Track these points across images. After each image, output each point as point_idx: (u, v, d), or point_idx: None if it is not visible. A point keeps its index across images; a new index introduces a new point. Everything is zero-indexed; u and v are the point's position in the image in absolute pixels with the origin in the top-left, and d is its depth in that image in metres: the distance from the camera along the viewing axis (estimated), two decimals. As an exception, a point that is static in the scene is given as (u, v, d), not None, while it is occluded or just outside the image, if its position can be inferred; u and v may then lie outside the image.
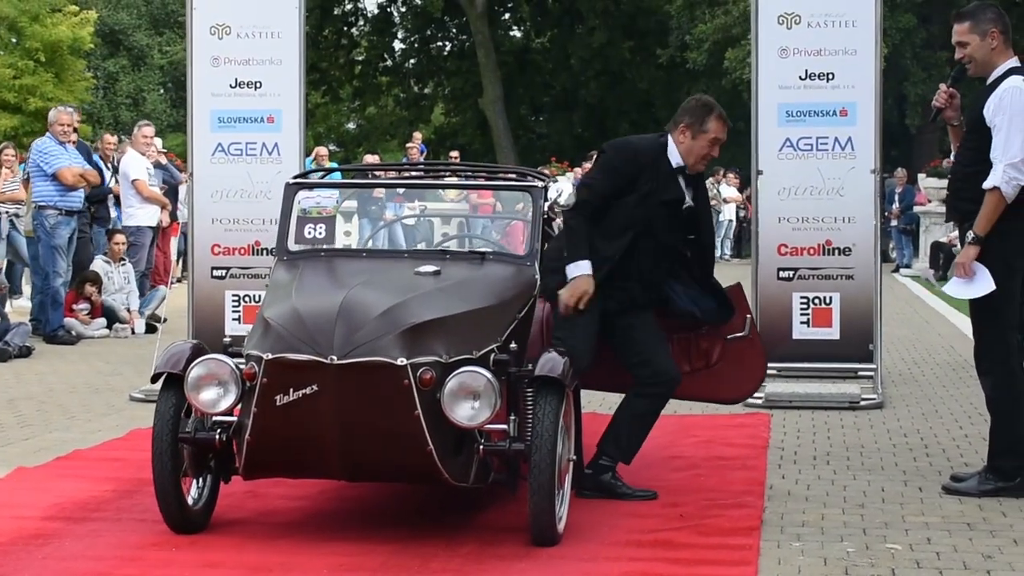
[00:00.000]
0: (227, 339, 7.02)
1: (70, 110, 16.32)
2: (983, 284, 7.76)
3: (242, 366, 6.58)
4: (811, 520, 7.33)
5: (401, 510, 7.54)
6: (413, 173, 11.78)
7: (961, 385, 12.22)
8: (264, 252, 11.47)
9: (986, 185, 7.68)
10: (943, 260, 26.91)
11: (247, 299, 11.59)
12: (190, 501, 6.89)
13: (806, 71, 11.41)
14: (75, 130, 16.31)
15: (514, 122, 49.35)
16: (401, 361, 6.36)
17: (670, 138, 7.99)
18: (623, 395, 8.17)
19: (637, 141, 8.21)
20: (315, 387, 6.36)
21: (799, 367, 11.46)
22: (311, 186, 8.61)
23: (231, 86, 11.73)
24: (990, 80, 7.96)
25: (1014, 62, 7.98)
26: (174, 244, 21.11)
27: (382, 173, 12.05)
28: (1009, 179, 7.63)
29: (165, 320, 16.03)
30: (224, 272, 11.72)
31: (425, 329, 6.55)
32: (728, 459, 8.87)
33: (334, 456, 6.47)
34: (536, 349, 7.45)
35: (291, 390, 6.38)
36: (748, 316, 8.51)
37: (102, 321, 16.17)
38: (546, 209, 8.03)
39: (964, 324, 16.35)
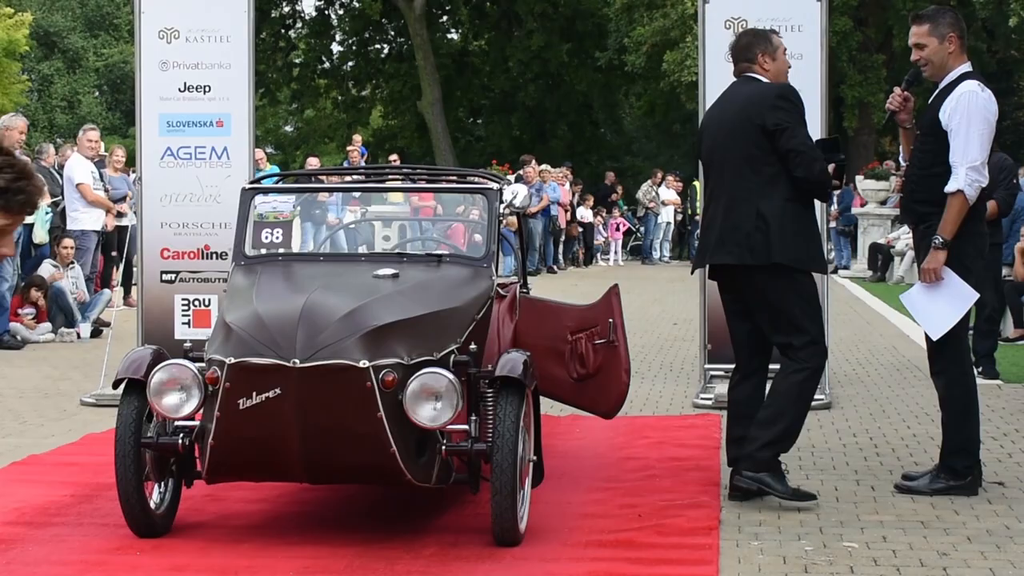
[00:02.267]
0: (188, 344, 7.04)
1: (23, 119, 16.31)
2: (957, 296, 7.85)
3: (204, 371, 6.60)
4: (768, 519, 7.41)
5: (363, 512, 7.58)
6: (357, 177, 11.82)
7: (906, 385, 12.37)
8: (214, 256, 11.46)
9: (948, 189, 7.77)
10: (881, 261, 27.16)
11: (197, 303, 11.56)
12: (153, 505, 6.90)
13: (752, 75, 11.50)
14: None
15: (453, 125, 49.39)
16: (363, 363, 6.39)
17: (757, 75, 8.00)
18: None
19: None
20: (278, 390, 6.38)
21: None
22: (267, 191, 8.62)
23: (180, 90, 11.68)
24: (944, 84, 8.06)
25: (968, 67, 8.10)
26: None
27: (331, 178, 12.09)
28: (971, 182, 7.74)
29: (110, 325, 15.96)
30: (173, 276, 11.67)
31: (386, 331, 6.59)
32: (682, 459, 8.94)
33: (297, 459, 6.50)
34: (494, 350, 7.51)
35: (254, 394, 6.40)
36: (611, 320, 8.45)
37: (47, 325, 16.12)
38: (502, 211, 8.07)
39: (905, 325, 16.55)
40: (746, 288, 7.87)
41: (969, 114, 7.81)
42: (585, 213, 35.03)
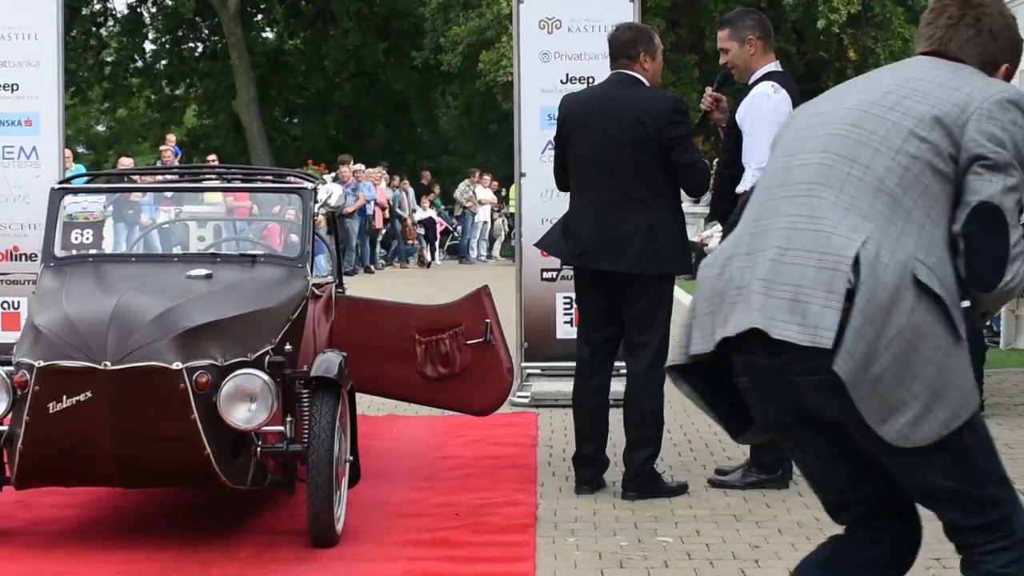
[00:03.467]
0: (-5, 347, 6.91)
1: None
2: None
3: (13, 374, 6.47)
4: (584, 515, 7.48)
5: (178, 516, 7.49)
6: (171, 176, 11.69)
7: (719, 381, 12.52)
8: (23, 258, 11.24)
9: (739, 189, 7.92)
10: (696, 259, 27.51)
11: (6, 305, 11.33)
12: (-41, 512, 6.77)
13: (567, 75, 11.56)
14: None
15: (268, 124, 49.00)
16: (176, 365, 6.33)
17: (637, 74, 8.13)
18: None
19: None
20: (89, 393, 6.29)
21: (563, 366, 11.60)
22: (76, 191, 8.48)
23: (-13, 88, 11.45)
24: (750, 84, 8.21)
25: (774, 66, 8.23)
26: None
27: (144, 178, 11.92)
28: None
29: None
30: (-18, 277, 11.45)
31: (200, 332, 6.53)
32: (499, 458, 8.98)
33: (110, 463, 6.41)
34: (309, 350, 7.48)
35: (64, 397, 6.30)
36: (488, 321, 8.54)
37: None
38: (316, 211, 8.04)
39: (719, 322, 16.77)
40: (625, 292, 7.95)
41: (760, 115, 7.96)
42: (424, 213, 35.10)
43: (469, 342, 8.49)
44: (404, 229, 33.84)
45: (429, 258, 34.48)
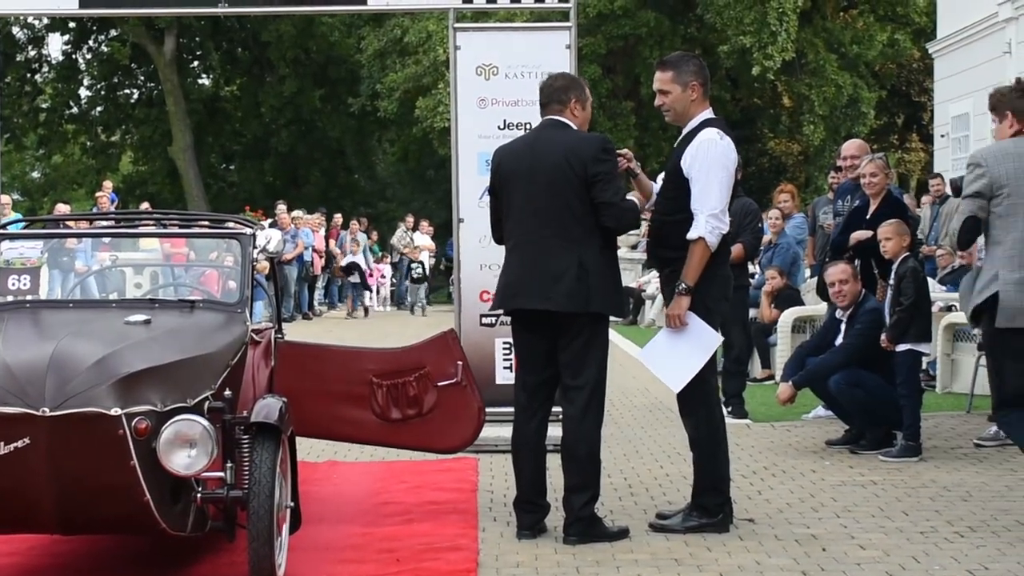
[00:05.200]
0: (-69, 393, 6.81)
1: None
2: (701, 341, 8.03)
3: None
4: (525, 561, 7.47)
5: (117, 563, 7.44)
6: (105, 223, 11.60)
7: (658, 426, 12.57)
8: (-41, 304, 11.15)
9: (690, 236, 7.94)
10: (633, 304, 27.58)
11: (-59, 352, 11.24)
12: None
13: (504, 121, 11.60)
14: None
15: (205, 170, 48.91)
16: (115, 411, 6.28)
17: (567, 120, 8.22)
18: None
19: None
20: (27, 440, 6.23)
21: (503, 411, 11.60)
22: (13, 236, 8.44)
23: (-78, 134, 11.40)
24: (686, 130, 8.25)
25: (709, 113, 8.29)
26: None
27: (80, 224, 11.85)
28: (712, 228, 7.91)
29: None
30: (-84, 325, 11.34)
31: (139, 378, 6.48)
32: (440, 503, 8.97)
33: (49, 509, 6.34)
34: (249, 395, 7.45)
35: (2, 444, 6.23)
36: (459, 363, 8.64)
37: None
38: (255, 256, 8.02)
39: (657, 366, 16.80)
40: (559, 334, 7.96)
41: (709, 162, 8.00)
42: (352, 258, 35.03)
43: (440, 383, 8.53)
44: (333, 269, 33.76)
45: (367, 304, 34.29)
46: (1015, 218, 8.09)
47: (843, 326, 11.24)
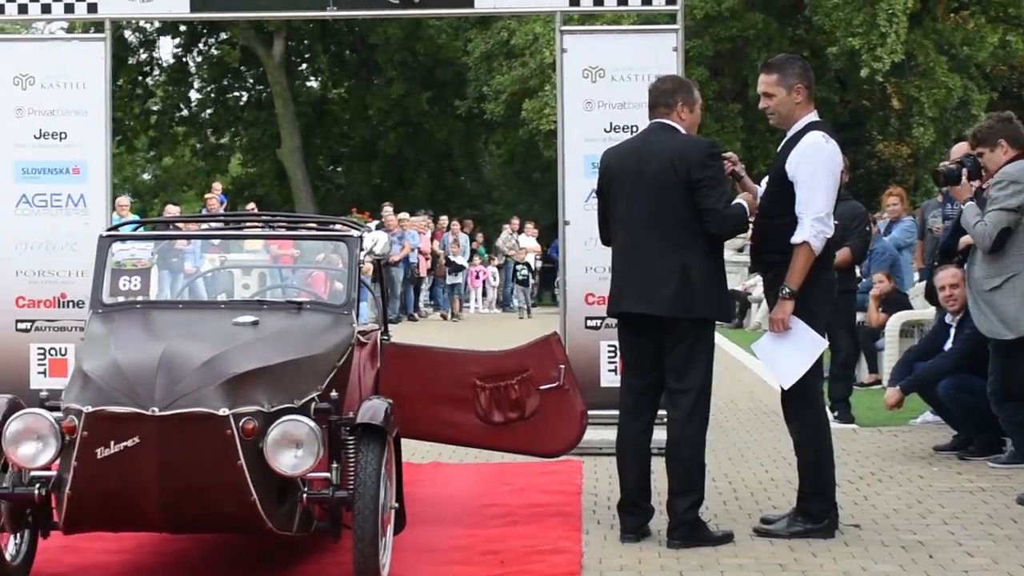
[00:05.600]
0: (44, 393, 6.91)
1: None
2: (806, 344, 7.98)
3: (61, 420, 6.51)
4: (629, 564, 7.46)
5: (223, 562, 7.51)
6: (216, 224, 11.75)
7: (764, 430, 12.51)
8: (71, 304, 11.34)
9: (795, 240, 7.89)
10: (739, 308, 27.46)
11: (53, 352, 11.43)
12: (8, 557, 6.79)
13: (611, 123, 11.59)
14: None
15: (312, 172, 49.20)
16: (223, 411, 6.36)
17: (674, 124, 8.18)
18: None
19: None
20: (137, 439, 6.32)
21: (608, 414, 11.58)
22: (124, 238, 8.55)
23: (35, 137, 11.57)
24: (790, 133, 8.20)
25: (814, 116, 8.23)
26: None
27: (190, 226, 12.00)
28: (817, 232, 7.86)
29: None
30: (29, 325, 11.54)
31: (246, 379, 6.55)
32: (544, 506, 8.97)
33: (157, 508, 6.43)
34: (355, 397, 7.51)
35: (112, 443, 6.33)
36: (562, 366, 8.63)
37: None
38: (362, 258, 8.07)
39: (762, 371, 16.72)
40: (664, 338, 7.96)
41: (814, 165, 7.95)
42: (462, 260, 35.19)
43: (542, 387, 8.55)
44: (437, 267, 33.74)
45: (464, 307, 34.25)
46: None
47: (952, 331, 11.14)
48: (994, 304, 9.74)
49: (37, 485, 6.67)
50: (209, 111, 51.98)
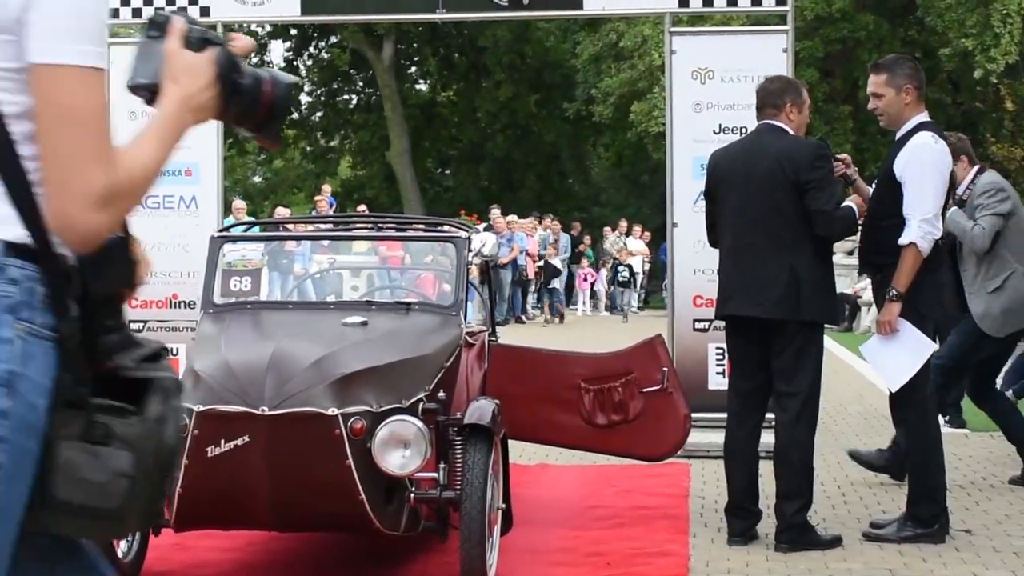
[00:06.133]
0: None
1: None
2: (914, 347, 7.91)
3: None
4: (736, 567, 7.43)
5: (331, 560, 7.56)
6: (325, 226, 11.85)
7: (873, 434, 12.40)
8: (182, 305, 11.46)
9: (902, 241, 7.82)
10: (848, 311, 27.24)
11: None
12: (120, 554, 6.87)
13: (720, 125, 11.55)
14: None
15: (421, 175, 49.42)
16: (332, 411, 6.39)
17: (782, 124, 8.16)
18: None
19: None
20: (247, 438, 6.37)
21: (715, 417, 11.54)
22: (236, 239, 8.64)
23: (149, 139, 11.68)
24: (900, 134, 8.13)
25: (924, 117, 8.16)
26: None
27: (299, 226, 12.08)
28: (924, 234, 7.79)
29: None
30: (141, 325, 11.66)
31: (355, 379, 6.59)
32: (650, 508, 8.96)
33: (265, 507, 6.48)
34: (463, 398, 7.53)
35: (222, 441, 6.38)
36: (665, 369, 8.60)
37: None
38: (470, 260, 8.10)
39: (871, 374, 16.59)
40: (772, 340, 7.93)
41: (923, 166, 7.88)
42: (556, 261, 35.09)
43: (645, 390, 8.53)
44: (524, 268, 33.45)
45: (563, 310, 34.09)
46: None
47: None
48: (994, 302, 9.89)
49: (149, 483, 6.73)
50: (319, 114, 52.37)
